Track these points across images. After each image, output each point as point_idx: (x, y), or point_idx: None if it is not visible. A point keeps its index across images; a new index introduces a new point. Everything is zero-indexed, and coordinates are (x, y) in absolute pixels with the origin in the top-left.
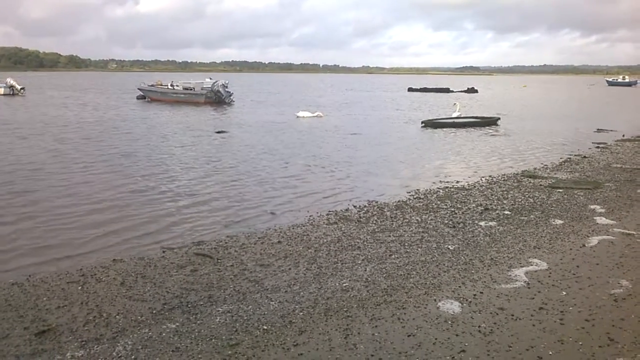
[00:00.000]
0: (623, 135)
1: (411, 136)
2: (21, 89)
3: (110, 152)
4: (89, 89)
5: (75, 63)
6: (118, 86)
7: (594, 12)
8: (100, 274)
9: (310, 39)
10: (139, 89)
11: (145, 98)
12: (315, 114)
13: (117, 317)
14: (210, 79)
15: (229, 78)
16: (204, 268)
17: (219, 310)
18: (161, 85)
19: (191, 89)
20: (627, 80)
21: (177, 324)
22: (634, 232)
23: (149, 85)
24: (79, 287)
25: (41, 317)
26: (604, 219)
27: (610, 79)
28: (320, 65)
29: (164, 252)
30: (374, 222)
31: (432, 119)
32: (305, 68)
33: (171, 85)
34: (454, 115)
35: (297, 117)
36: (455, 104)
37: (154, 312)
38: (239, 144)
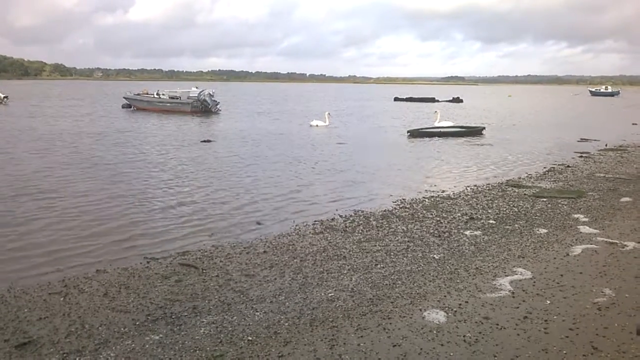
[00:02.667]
0: (606, 145)
1: (397, 145)
2: (4, 97)
3: (94, 162)
4: (73, 98)
5: (60, 71)
6: (103, 95)
7: (580, 23)
8: (83, 285)
9: (299, 49)
10: (124, 97)
11: (130, 107)
12: (326, 117)
13: (99, 328)
14: (197, 87)
15: (215, 87)
16: (189, 278)
17: (203, 322)
18: (147, 94)
19: (177, 98)
20: (609, 90)
21: (161, 335)
22: (617, 241)
23: (134, 94)
24: (61, 299)
25: (22, 329)
26: (587, 227)
27: (594, 89)
28: (307, 75)
29: (148, 262)
30: (360, 231)
31: (418, 129)
32: (291, 77)
33: (157, 94)
34: (440, 124)
35: (311, 126)
36: (435, 111)
37: (137, 323)
38: (226, 154)
